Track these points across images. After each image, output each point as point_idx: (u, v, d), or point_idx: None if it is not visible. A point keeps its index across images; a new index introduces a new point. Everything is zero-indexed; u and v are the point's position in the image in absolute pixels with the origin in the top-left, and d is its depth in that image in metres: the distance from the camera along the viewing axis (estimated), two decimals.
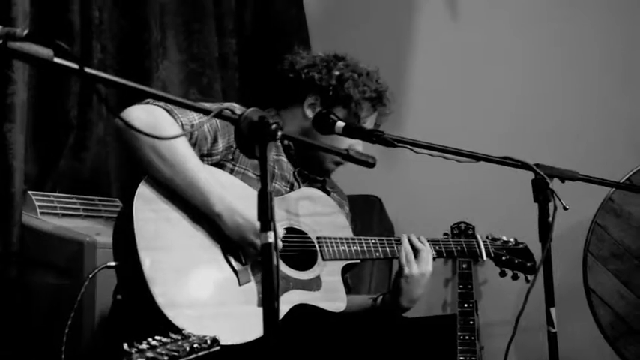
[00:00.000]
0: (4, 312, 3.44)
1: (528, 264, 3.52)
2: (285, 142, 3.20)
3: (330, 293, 3.10)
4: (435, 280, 5.08)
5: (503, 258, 3.51)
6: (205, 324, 2.63)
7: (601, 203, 4.54)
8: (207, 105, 2.93)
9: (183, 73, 4.76)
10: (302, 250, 3.09)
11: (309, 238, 3.14)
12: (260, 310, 2.04)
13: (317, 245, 3.14)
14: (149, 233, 2.73)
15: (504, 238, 3.56)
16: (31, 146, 3.84)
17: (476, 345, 4.55)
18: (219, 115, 2.20)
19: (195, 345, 2.23)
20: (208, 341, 2.27)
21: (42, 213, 3.64)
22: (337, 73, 3.26)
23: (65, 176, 3.98)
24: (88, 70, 1.98)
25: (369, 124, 3.29)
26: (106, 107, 4.10)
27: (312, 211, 3.20)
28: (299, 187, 3.30)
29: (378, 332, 4.46)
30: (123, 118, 2.70)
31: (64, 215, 3.71)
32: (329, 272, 3.13)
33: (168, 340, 2.20)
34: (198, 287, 2.75)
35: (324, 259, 3.13)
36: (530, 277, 3.47)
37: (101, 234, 3.46)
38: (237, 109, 3.06)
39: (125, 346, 2.11)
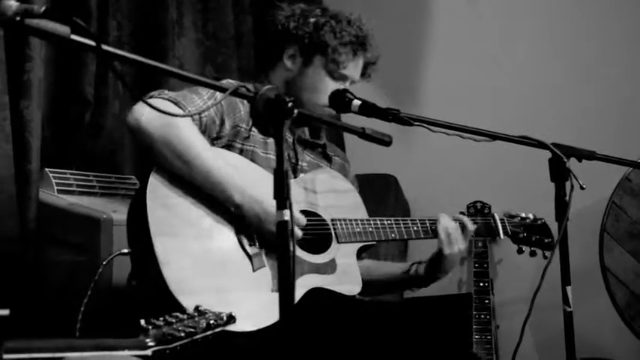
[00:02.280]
0: (21, 288, 3.46)
1: (546, 240, 3.50)
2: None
3: (344, 276, 3.09)
4: None
5: (521, 236, 3.49)
6: (219, 311, 2.62)
7: (618, 182, 4.52)
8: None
9: (199, 51, 4.76)
10: (317, 234, 3.08)
11: (324, 220, 3.13)
12: (274, 296, 2.05)
13: (332, 227, 3.13)
14: (162, 220, 2.73)
15: (522, 215, 3.54)
16: (48, 123, 3.85)
17: (491, 324, 4.56)
18: (235, 92, 2.20)
19: (211, 321, 2.23)
20: (224, 317, 2.28)
21: (59, 190, 3.65)
22: (313, 20, 3.22)
23: (82, 153, 3.99)
24: (104, 47, 1.98)
25: (350, 71, 3.23)
26: (122, 84, 4.10)
27: (327, 192, 3.19)
28: (301, 155, 3.28)
29: (393, 312, 4.47)
30: (139, 120, 2.77)
31: (80, 192, 3.72)
32: (344, 255, 3.12)
33: (185, 316, 2.21)
34: (211, 274, 2.74)
35: (338, 242, 3.12)
36: (547, 254, 3.45)
37: (117, 211, 3.47)
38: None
39: (142, 322, 2.12)
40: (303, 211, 3.05)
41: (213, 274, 2.75)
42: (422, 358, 3.01)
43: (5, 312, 1.77)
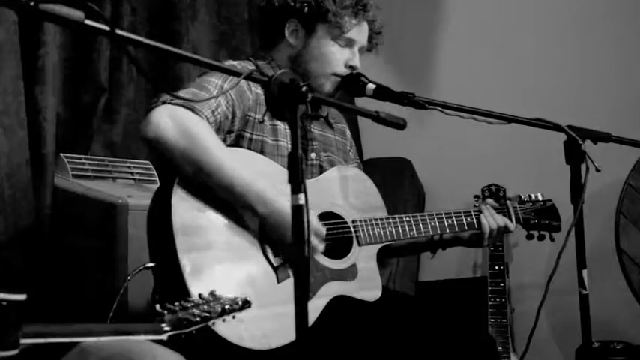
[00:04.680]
0: (37, 273, 3.48)
1: (554, 223, 3.49)
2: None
3: (365, 282, 3.07)
4: None
5: (532, 222, 3.48)
6: (246, 327, 2.61)
7: (634, 165, 4.51)
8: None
9: (212, 35, 4.75)
10: (338, 238, 3.07)
11: (345, 222, 3.10)
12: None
13: (353, 230, 3.11)
14: (187, 235, 2.69)
15: (532, 198, 3.52)
16: (63, 109, 3.85)
17: (506, 307, 4.56)
18: (249, 77, 2.20)
19: (226, 306, 2.24)
20: (240, 302, 2.29)
21: (74, 175, 3.66)
22: None
23: (97, 139, 4.00)
24: (118, 32, 1.98)
25: (355, 35, 3.18)
26: (136, 69, 4.11)
27: (346, 192, 3.16)
28: (309, 129, 3.26)
29: (409, 297, 4.47)
30: (154, 134, 2.73)
31: (95, 177, 3.73)
32: (365, 258, 3.10)
33: (201, 301, 2.22)
34: (237, 288, 2.68)
35: (359, 245, 3.10)
36: (554, 236, 3.44)
37: (133, 196, 3.48)
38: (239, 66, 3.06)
39: (157, 307, 2.13)
40: (324, 214, 3.04)
41: (240, 288, 2.70)
42: (438, 341, 3.00)
43: (22, 297, 1.78)
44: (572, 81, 4.95)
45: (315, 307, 2.84)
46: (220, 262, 2.73)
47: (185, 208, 2.73)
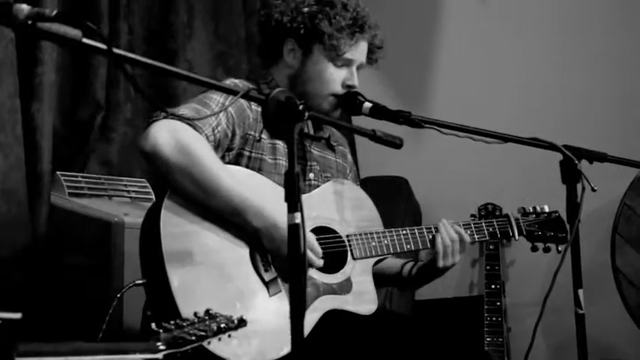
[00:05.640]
0: (32, 291, 3.47)
1: (560, 235, 3.44)
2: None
3: (360, 296, 3.05)
4: (461, 261, 5.06)
5: (536, 234, 3.45)
6: (240, 343, 2.61)
7: (630, 184, 4.51)
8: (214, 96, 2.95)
9: (210, 53, 4.76)
10: (333, 252, 3.07)
11: (340, 236, 3.09)
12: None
13: (347, 244, 3.10)
14: (177, 250, 2.69)
15: (538, 209, 3.49)
16: (59, 126, 3.86)
17: (503, 326, 4.55)
18: (246, 95, 2.20)
19: (222, 325, 2.24)
20: (235, 321, 2.28)
21: (70, 193, 3.66)
22: (307, 10, 3.15)
23: (93, 157, 4.00)
24: (115, 50, 1.98)
25: (352, 55, 3.17)
26: (133, 87, 4.11)
27: (341, 206, 3.15)
28: (309, 153, 3.26)
29: (406, 317, 4.47)
30: (153, 149, 2.72)
31: (91, 195, 3.73)
32: (359, 272, 3.09)
33: (196, 319, 2.21)
34: (228, 304, 2.68)
35: (354, 259, 3.09)
36: (561, 248, 3.41)
37: (129, 214, 3.48)
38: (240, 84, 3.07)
39: (153, 325, 2.12)
40: (318, 228, 3.04)
41: (230, 303, 2.70)
42: None
43: (17, 316, 1.77)
44: (569, 100, 4.96)
45: (309, 321, 2.83)
46: (210, 278, 2.72)
47: (174, 224, 2.72)
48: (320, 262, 2.91)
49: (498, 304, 4.58)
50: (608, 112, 4.85)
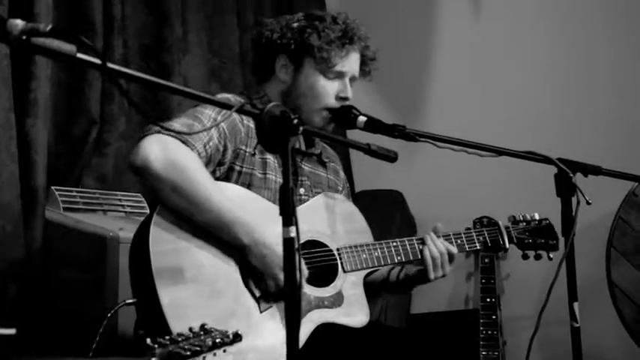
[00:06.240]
0: (28, 306, 3.46)
1: (551, 242, 3.46)
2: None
3: (351, 308, 3.05)
4: (457, 274, 5.10)
5: (526, 241, 3.45)
6: (233, 358, 2.59)
7: (624, 197, 4.51)
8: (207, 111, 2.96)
9: (204, 68, 4.77)
10: (323, 265, 3.07)
11: (330, 250, 3.09)
12: (282, 335, 2.06)
13: (338, 257, 3.09)
14: (167, 268, 2.68)
15: (528, 217, 3.49)
16: (54, 141, 3.85)
17: (498, 340, 4.55)
18: (241, 109, 2.20)
19: (217, 340, 2.23)
20: (231, 336, 2.27)
21: (65, 208, 3.66)
22: (296, 25, 3.18)
23: (88, 171, 4.00)
24: (110, 65, 1.98)
25: (344, 67, 3.17)
26: (127, 102, 4.11)
27: (330, 219, 3.15)
28: (300, 169, 3.26)
29: (401, 331, 4.46)
30: (143, 163, 2.72)
31: (86, 210, 3.73)
32: (351, 285, 3.09)
33: (191, 334, 2.20)
34: (219, 321, 2.60)
35: (345, 272, 3.09)
36: (552, 255, 3.42)
37: (124, 229, 3.47)
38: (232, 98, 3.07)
39: (148, 341, 2.11)
40: (308, 242, 3.04)
41: (222, 319, 2.68)
42: None
43: (12, 331, 1.77)
44: (563, 114, 4.97)
45: (301, 334, 2.82)
46: (201, 295, 2.72)
47: (164, 240, 2.72)
48: (305, 272, 2.91)
49: (494, 317, 4.58)
50: (602, 126, 4.86)
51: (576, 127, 4.89)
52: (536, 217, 3.49)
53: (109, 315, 3.01)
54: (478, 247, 3.37)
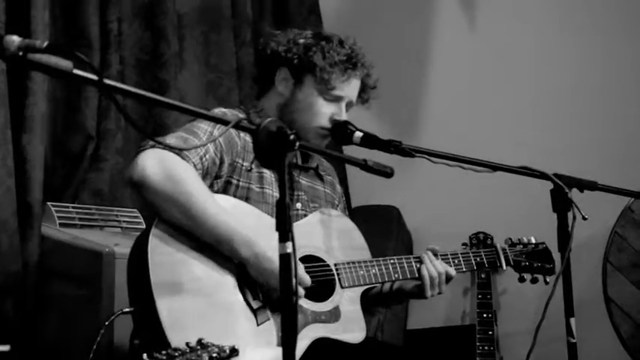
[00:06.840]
0: (23, 322, 3.45)
1: (547, 266, 3.48)
2: None
3: (348, 324, 3.05)
4: (454, 290, 5.09)
5: (523, 264, 3.47)
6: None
7: (620, 213, 4.52)
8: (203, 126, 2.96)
9: (201, 83, 4.77)
10: (320, 280, 3.07)
11: (327, 265, 3.09)
12: (279, 350, 2.06)
13: (335, 273, 3.10)
14: (165, 280, 2.68)
15: (525, 240, 3.52)
16: (51, 157, 3.85)
17: (495, 356, 4.54)
18: (237, 125, 2.20)
19: (214, 354, 2.22)
20: (227, 350, 2.27)
21: (61, 224, 3.65)
22: (303, 42, 3.20)
23: (84, 187, 3.99)
24: (106, 81, 1.98)
25: (342, 91, 3.19)
26: (124, 118, 4.11)
27: (328, 235, 3.16)
28: (297, 184, 3.26)
29: (397, 347, 4.45)
30: (140, 177, 2.72)
31: (82, 226, 3.72)
32: (348, 301, 3.09)
33: (188, 349, 2.20)
34: (216, 333, 2.61)
35: (342, 287, 3.09)
36: (548, 279, 3.44)
37: (120, 244, 3.47)
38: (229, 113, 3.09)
39: (145, 356, 2.11)
40: (306, 257, 3.04)
41: (219, 332, 2.67)
42: None
43: (6, 348, 1.77)
44: (559, 129, 4.97)
45: (297, 349, 2.82)
46: (199, 307, 2.72)
47: (162, 253, 2.72)
48: (308, 282, 2.90)
49: (490, 333, 4.57)
50: (598, 141, 4.86)
51: (572, 142, 4.90)
52: (533, 240, 3.53)
53: (106, 323, 2.99)
54: (475, 269, 3.39)
